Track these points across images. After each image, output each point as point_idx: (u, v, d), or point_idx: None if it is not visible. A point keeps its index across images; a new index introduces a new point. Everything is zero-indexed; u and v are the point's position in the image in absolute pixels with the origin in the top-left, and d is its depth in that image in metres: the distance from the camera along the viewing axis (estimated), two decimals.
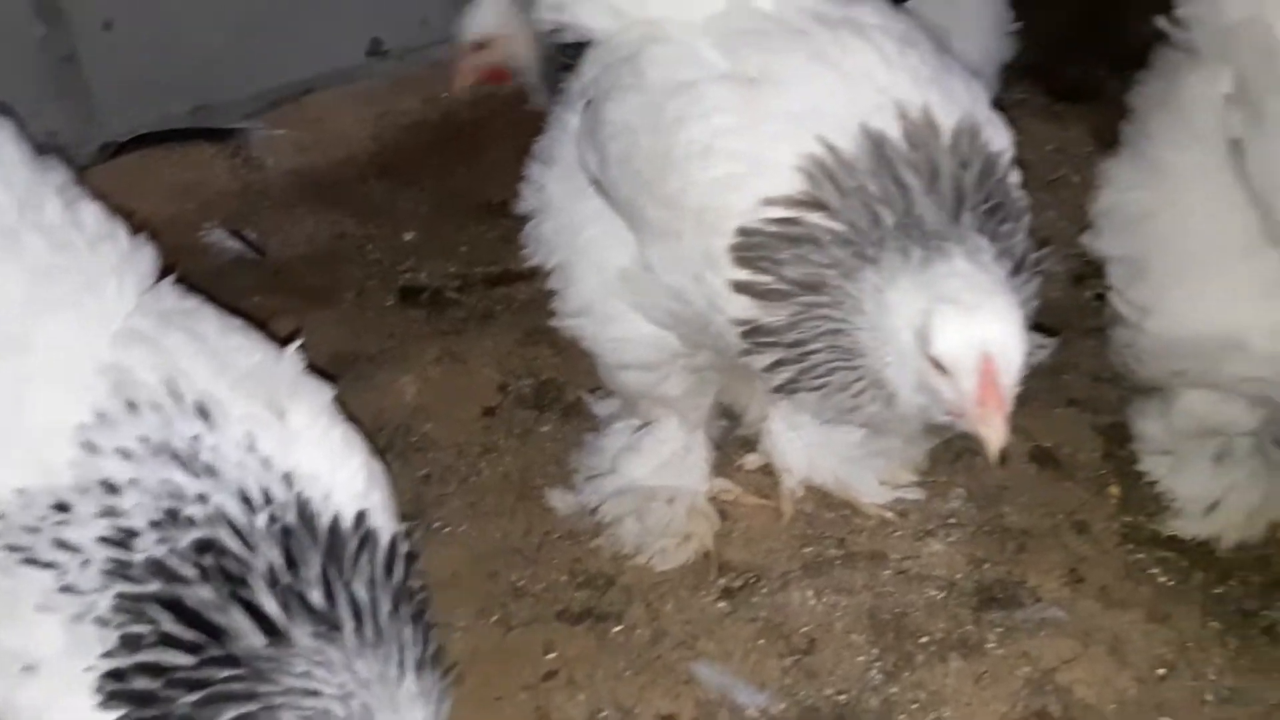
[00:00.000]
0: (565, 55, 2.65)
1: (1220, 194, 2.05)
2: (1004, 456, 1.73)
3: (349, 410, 1.77)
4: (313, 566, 1.51)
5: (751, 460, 2.70)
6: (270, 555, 1.50)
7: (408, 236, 3.43)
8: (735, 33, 2.00)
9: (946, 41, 2.50)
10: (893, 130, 1.86)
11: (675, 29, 2.06)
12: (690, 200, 1.92)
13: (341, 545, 1.55)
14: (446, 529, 2.60)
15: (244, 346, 1.77)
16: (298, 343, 1.80)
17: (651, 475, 2.57)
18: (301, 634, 1.46)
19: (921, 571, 2.44)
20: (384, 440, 2.74)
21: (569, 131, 2.29)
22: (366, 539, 1.58)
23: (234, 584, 1.48)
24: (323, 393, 1.74)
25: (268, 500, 1.55)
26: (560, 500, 2.62)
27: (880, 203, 1.82)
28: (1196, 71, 2.13)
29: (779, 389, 1.96)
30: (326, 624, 1.47)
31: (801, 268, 1.82)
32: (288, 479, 1.58)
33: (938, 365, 1.71)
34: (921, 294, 1.72)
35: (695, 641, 2.32)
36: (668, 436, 2.58)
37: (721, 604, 2.40)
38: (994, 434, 1.70)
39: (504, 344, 3.03)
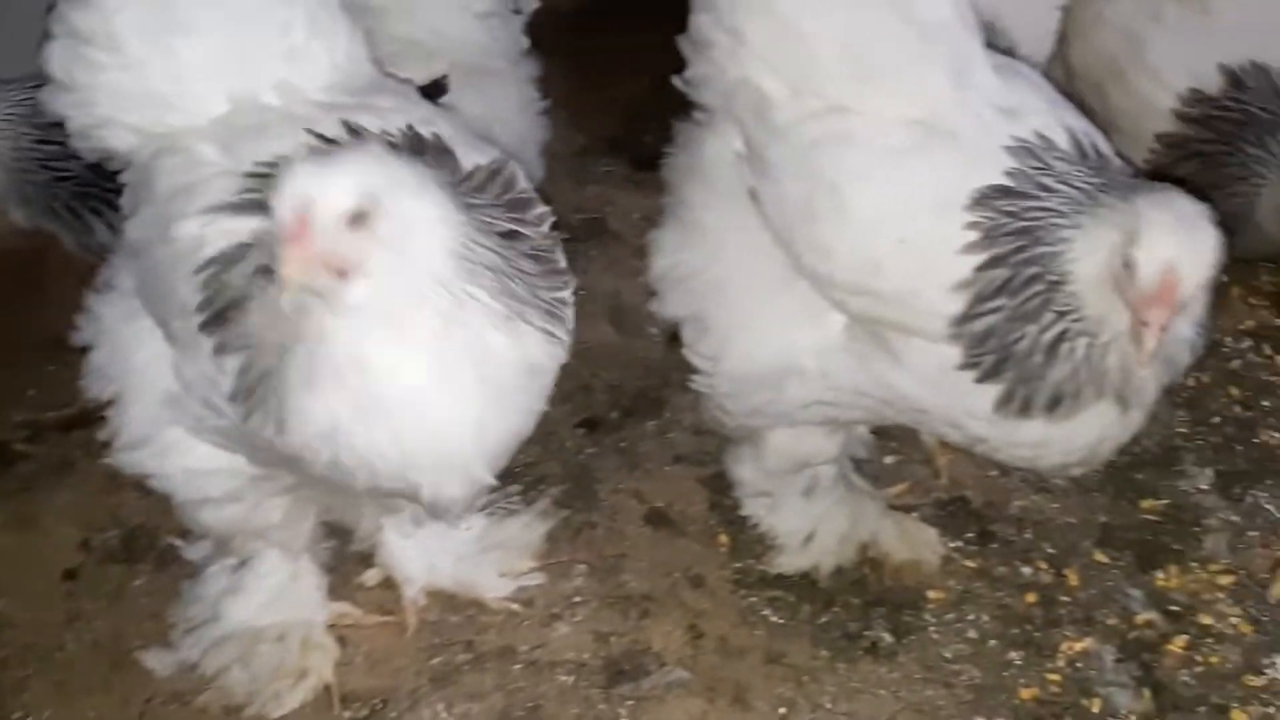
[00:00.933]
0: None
1: (752, 241, 2.23)
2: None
3: None
4: None
5: (371, 576, 2.58)
6: None
7: None
8: (236, 130, 2.01)
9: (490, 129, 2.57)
10: None
11: (184, 138, 2.04)
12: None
13: None
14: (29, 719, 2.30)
15: None
16: None
17: (258, 614, 2.40)
18: None
19: (551, 658, 2.41)
20: None
21: (122, 255, 2.23)
22: None
23: None
24: None
25: None
26: (159, 661, 2.38)
27: None
28: (713, 133, 2.32)
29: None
30: None
31: None
32: None
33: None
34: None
35: None
36: (270, 569, 2.42)
37: None
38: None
39: (84, 495, 2.76)
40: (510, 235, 1.88)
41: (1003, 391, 2.00)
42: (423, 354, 1.75)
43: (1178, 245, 1.81)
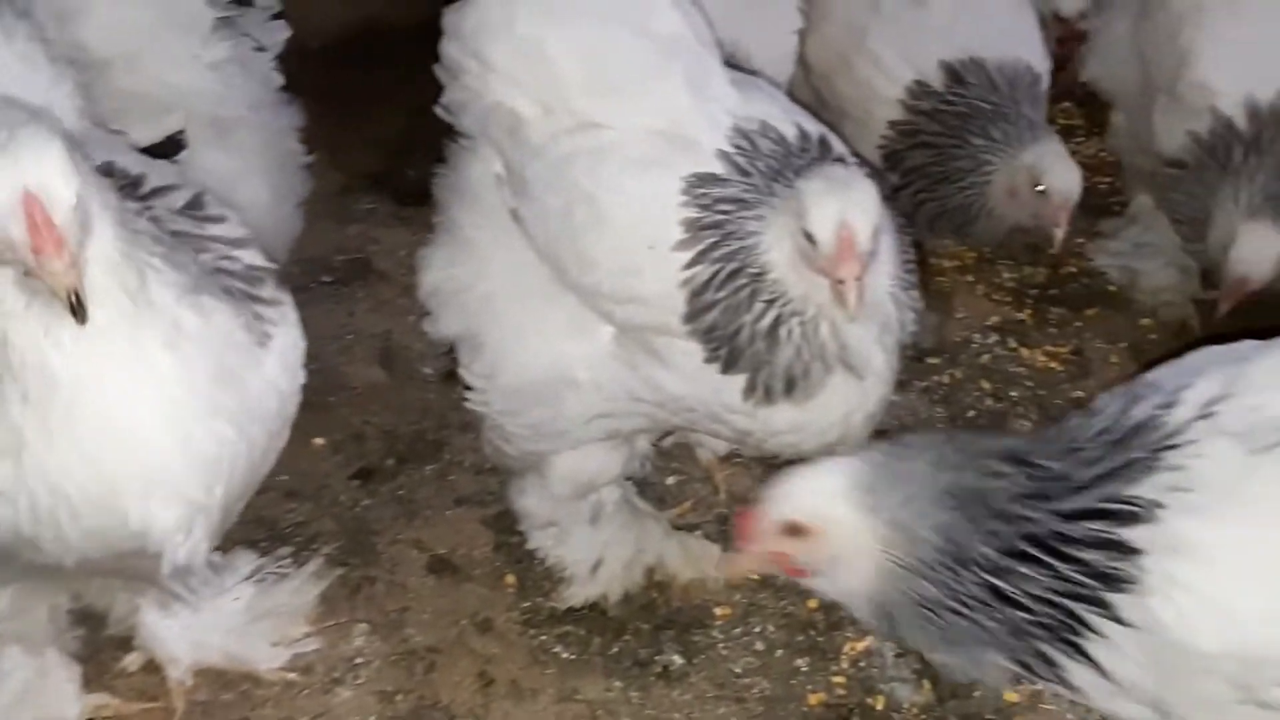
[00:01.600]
0: None
1: (519, 258, 2.27)
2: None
3: None
4: None
5: (132, 660, 2.40)
6: None
7: None
8: None
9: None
10: None
11: None
12: None
13: None
14: None
15: None
16: None
17: (3, 717, 2.19)
18: None
19: None
20: None
21: None
22: None
23: None
24: None
25: None
26: None
27: None
28: (475, 157, 2.35)
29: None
30: None
31: None
32: None
33: None
34: None
35: None
36: (11, 668, 2.21)
37: None
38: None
39: None
40: (184, 236, 1.81)
41: (746, 381, 2.09)
42: (110, 340, 1.62)
43: (839, 201, 1.93)
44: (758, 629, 2.51)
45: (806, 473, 1.74)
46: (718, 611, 2.55)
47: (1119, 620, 1.52)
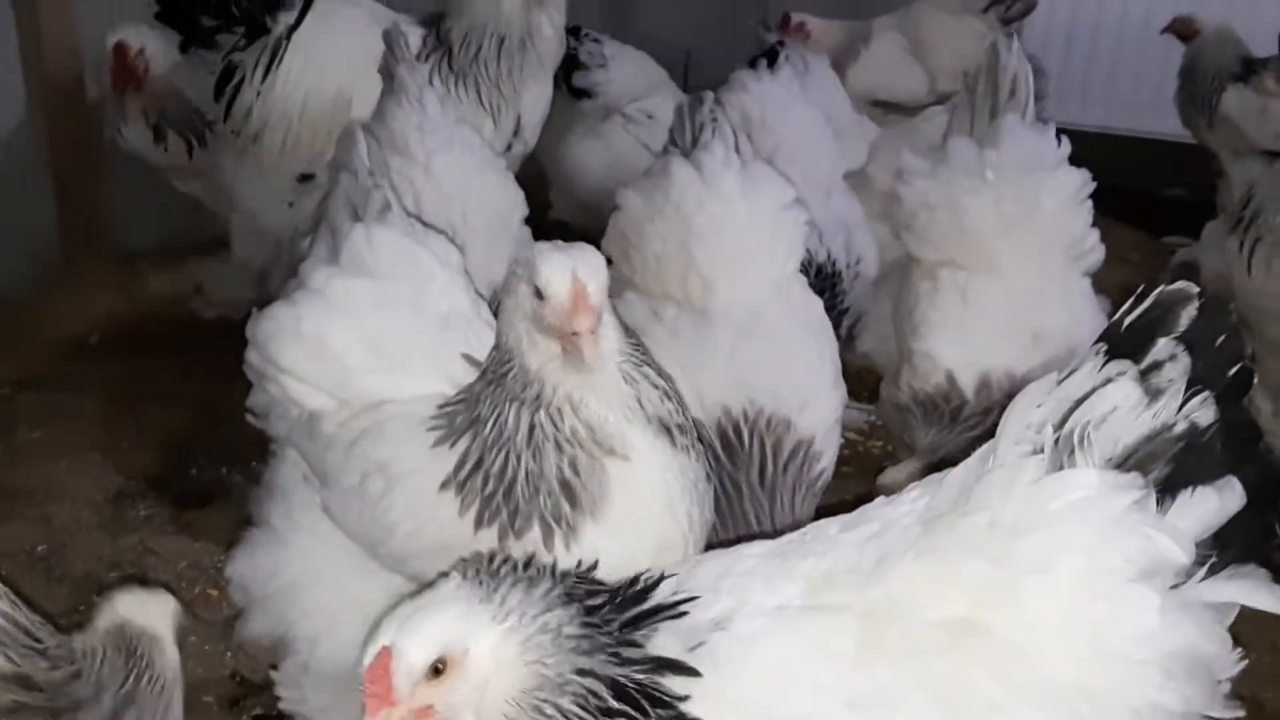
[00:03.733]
0: None
1: (326, 543, 2.31)
2: None
3: None
4: None
5: None
6: None
7: None
8: None
9: None
10: None
11: None
12: None
13: None
14: None
15: None
16: None
17: None
18: None
19: None
20: None
21: None
22: None
23: None
24: None
25: None
26: None
27: None
28: (282, 459, 2.46)
29: None
30: None
31: None
32: None
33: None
34: None
35: None
36: None
37: None
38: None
39: None
40: None
41: (538, 527, 2.05)
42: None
43: (570, 258, 1.96)
44: None
45: (423, 607, 1.59)
46: None
47: None
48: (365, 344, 2.26)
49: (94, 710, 2.19)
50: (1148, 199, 6.07)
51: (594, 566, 1.77)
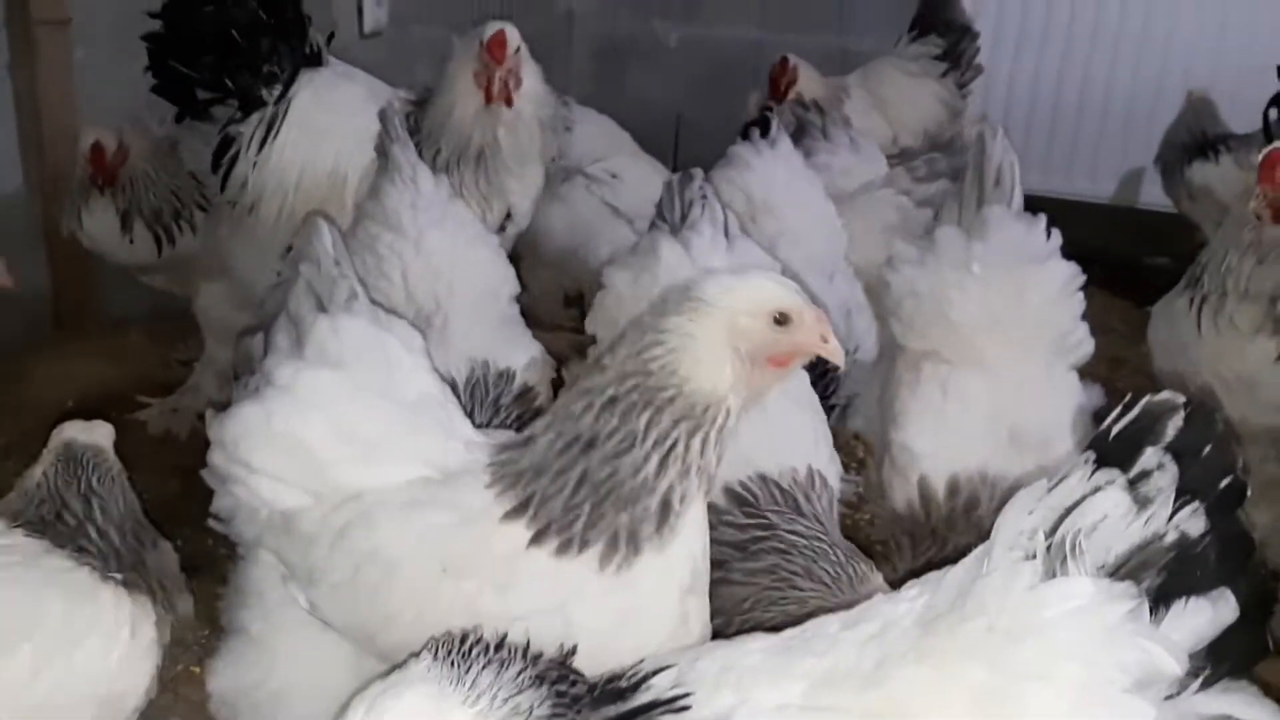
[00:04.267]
0: None
1: (311, 645, 2.27)
2: None
3: None
4: None
5: None
6: None
7: None
8: None
9: None
10: None
11: None
12: None
13: None
14: None
15: None
16: None
17: None
18: None
19: None
20: None
21: None
22: None
23: None
24: None
25: None
26: None
27: None
28: (253, 561, 2.38)
29: None
30: None
31: None
32: None
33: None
34: None
35: None
36: None
37: None
38: None
39: None
40: None
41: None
42: None
43: (769, 279, 2.13)
44: None
45: (392, 687, 1.55)
46: None
47: None
48: (339, 436, 2.20)
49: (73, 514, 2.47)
50: (1131, 268, 6.14)
51: (573, 652, 1.75)
